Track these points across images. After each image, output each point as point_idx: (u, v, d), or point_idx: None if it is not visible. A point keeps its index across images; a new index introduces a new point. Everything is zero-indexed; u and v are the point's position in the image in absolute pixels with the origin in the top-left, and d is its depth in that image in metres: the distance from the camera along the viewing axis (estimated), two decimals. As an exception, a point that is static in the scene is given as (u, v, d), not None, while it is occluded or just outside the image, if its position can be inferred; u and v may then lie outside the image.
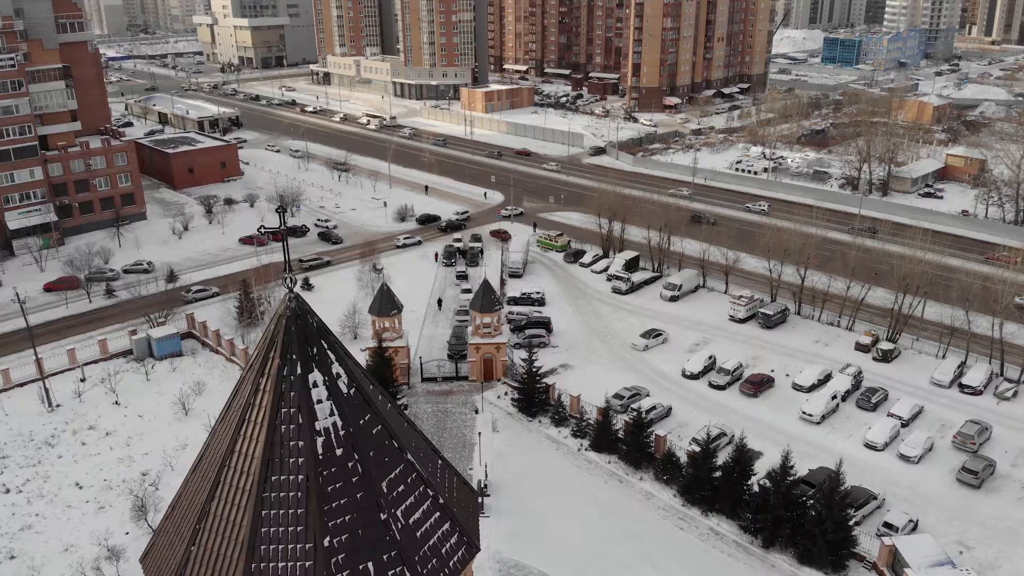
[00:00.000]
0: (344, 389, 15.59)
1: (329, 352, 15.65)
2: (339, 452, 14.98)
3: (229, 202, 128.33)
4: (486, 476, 58.81)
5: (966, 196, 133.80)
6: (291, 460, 14.73)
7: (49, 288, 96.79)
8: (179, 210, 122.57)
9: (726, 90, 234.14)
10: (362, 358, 70.44)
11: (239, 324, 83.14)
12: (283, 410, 14.99)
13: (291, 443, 14.81)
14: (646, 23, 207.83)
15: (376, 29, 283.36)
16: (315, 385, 15.11)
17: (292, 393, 14.99)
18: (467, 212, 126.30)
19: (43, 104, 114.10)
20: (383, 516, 14.80)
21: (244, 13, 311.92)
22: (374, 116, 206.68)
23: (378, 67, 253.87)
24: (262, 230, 16.19)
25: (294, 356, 15.18)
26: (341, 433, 15.12)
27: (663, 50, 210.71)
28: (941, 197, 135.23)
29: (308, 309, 15.70)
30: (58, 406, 71.31)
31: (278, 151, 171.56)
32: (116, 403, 71.44)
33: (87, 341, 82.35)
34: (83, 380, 75.07)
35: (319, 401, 15.10)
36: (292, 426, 14.88)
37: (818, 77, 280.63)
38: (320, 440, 14.87)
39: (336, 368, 15.68)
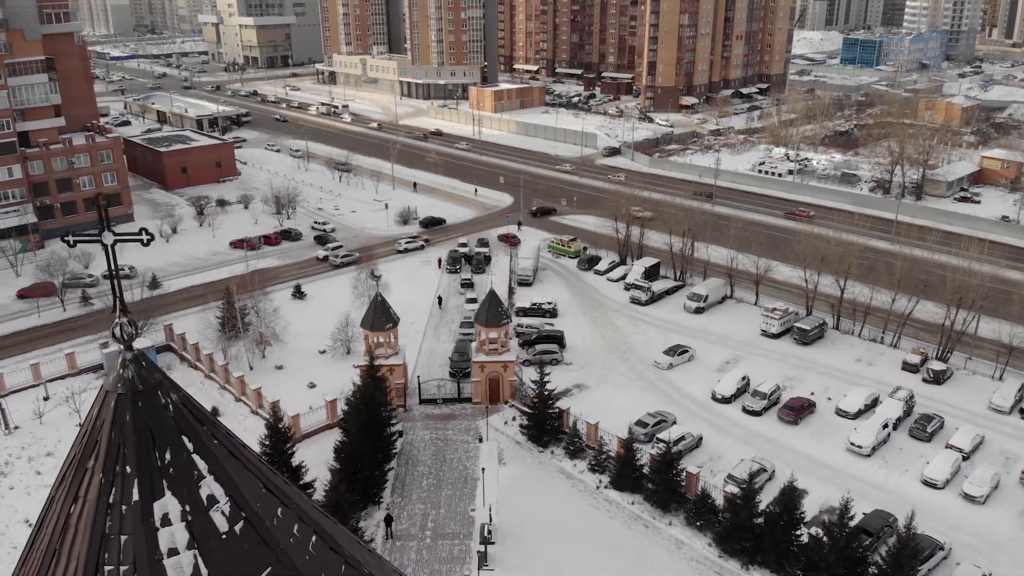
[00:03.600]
0: (222, 525, 7.84)
1: (196, 457, 7.90)
2: (203, 656, 7.39)
3: (222, 203, 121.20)
4: (491, 520, 51.06)
5: (1004, 200, 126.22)
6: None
7: (22, 295, 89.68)
8: (169, 211, 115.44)
9: (744, 90, 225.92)
10: (352, 376, 63.07)
11: (221, 336, 75.78)
12: (106, 568, 7.38)
13: (116, 635, 7.22)
14: (662, 20, 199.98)
15: (383, 27, 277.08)
16: (166, 522, 7.39)
17: (123, 537, 7.37)
18: (341, 245, 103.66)
19: (24, 98, 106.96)
20: None
21: (250, 12, 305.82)
22: (324, 104, 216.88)
23: (385, 66, 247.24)
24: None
25: (128, 469, 7.51)
26: (211, 615, 7.48)
27: (680, 48, 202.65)
28: (978, 201, 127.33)
29: (160, 380, 8.00)
30: (16, 428, 63.96)
31: (278, 150, 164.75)
32: (79, 426, 63.92)
33: (56, 354, 74.93)
34: (46, 399, 67.63)
35: (173, 552, 7.35)
36: (119, 601, 7.27)
37: (838, 78, 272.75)
38: (169, 632, 7.28)
39: (208, 487, 7.84)
